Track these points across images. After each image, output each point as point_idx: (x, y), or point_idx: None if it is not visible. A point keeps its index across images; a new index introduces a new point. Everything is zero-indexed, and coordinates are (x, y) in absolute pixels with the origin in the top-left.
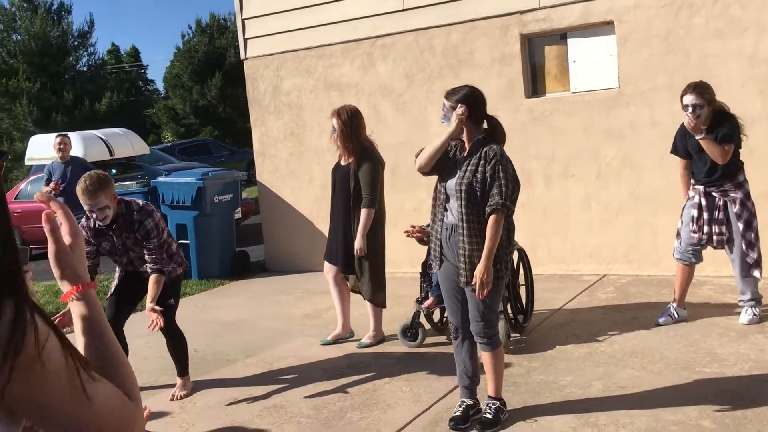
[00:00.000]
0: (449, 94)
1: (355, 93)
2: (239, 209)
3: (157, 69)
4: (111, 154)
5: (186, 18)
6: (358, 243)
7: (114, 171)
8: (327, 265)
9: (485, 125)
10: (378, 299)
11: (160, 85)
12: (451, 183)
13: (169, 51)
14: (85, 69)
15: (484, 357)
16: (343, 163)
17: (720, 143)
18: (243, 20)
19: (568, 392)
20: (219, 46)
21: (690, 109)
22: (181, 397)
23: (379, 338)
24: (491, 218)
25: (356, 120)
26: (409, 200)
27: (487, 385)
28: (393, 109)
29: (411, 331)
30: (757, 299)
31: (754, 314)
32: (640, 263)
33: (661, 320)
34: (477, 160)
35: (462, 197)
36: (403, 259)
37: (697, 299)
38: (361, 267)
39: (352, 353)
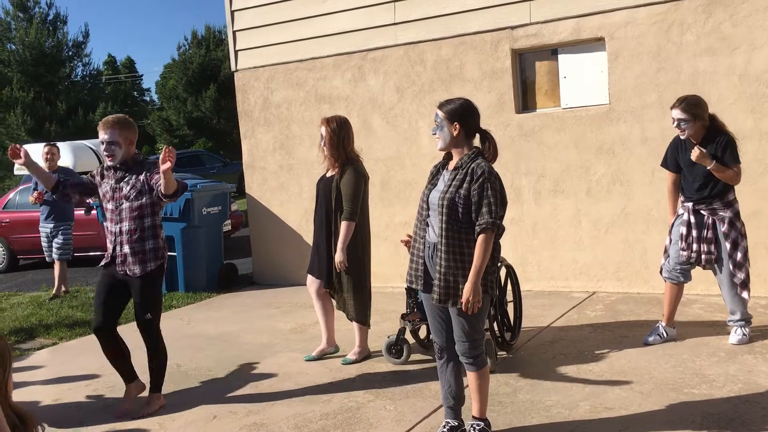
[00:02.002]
0: (443, 105)
1: (345, 106)
2: (228, 221)
3: (152, 79)
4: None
5: (182, 29)
6: (338, 257)
7: None
8: (310, 278)
9: (478, 139)
10: (360, 317)
11: (155, 96)
12: (434, 196)
13: (165, 61)
14: (79, 79)
15: (470, 377)
16: (328, 175)
17: (729, 165)
18: (234, 32)
19: (554, 413)
20: (214, 58)
21: (675, 123)
22: (144, 416)
23: (365, 355)
24: (480, 237)
25: (345, 130)
26: (399, 214)
27: (471, 405)
28: (383, 122)
29: (396, 347)
30: (746, 319)
31: (744, 334)
32: (629, 281)
33: (650, 339)
34: (463, 176)
35: (443, 212)
36: (393, 274)
37: (687, 318)
38: (340, 282)
39: (336, 370)
